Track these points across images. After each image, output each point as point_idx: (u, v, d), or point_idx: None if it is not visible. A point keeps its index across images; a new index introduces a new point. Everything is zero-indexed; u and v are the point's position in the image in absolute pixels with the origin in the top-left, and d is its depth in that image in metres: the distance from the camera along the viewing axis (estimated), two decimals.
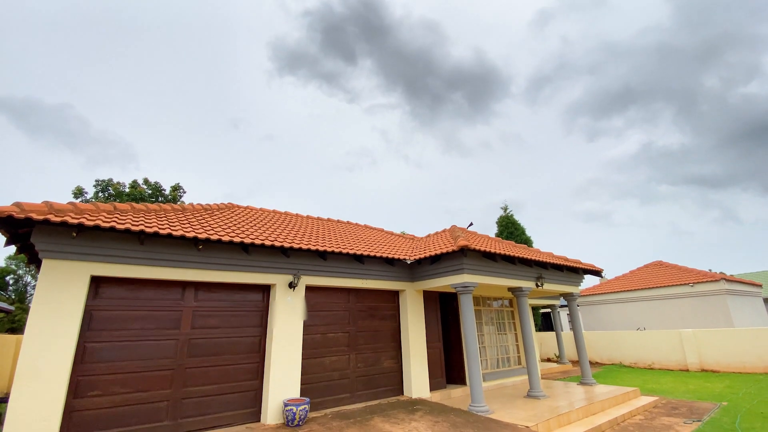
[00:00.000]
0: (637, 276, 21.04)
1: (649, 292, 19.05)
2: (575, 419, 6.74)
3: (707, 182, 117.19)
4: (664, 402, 8.70)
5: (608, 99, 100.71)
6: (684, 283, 17.87)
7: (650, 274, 20.65)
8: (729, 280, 17.18)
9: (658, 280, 19.28)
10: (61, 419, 4.52)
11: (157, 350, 5.48)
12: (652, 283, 19.24)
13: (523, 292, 8.39)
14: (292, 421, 5.77)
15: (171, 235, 5.21)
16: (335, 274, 7.44)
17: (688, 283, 17.68)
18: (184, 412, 5.48)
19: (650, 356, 14.73)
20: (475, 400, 6.81)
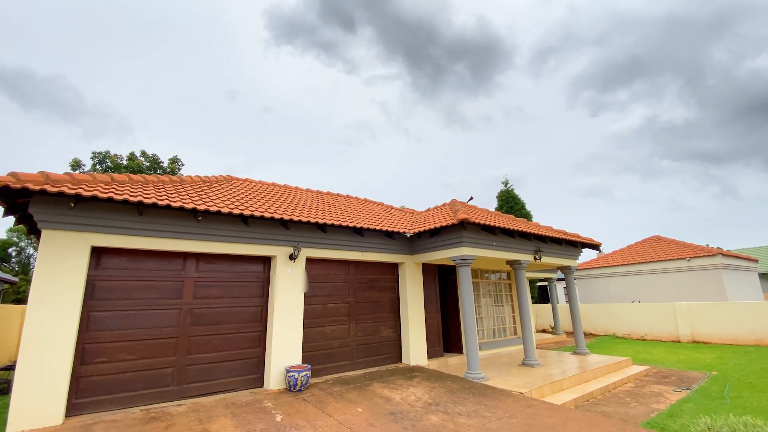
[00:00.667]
0: (635, 250, 21.22)
1: (645, 266, 19.27)
2: (568, 386, 6.97)
3: (710, 157, 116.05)
4: (654, 371, 8.98)
5: (614, 71, 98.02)
6: (681, 258, 18.04)
7: (648, 248, 20.81)
8: (726, 255, 17.34)
9: (656, 255, 19.46)
10: (69, 384, 4.67)
11: (160, 319, 5.59)
12: (649, 258, 19.42)
13: (521, 265, 8.47)
14: (294, 387, 5.96)
15: (170, 206, 5.19)
16: (335, 246, 7.47)
17: (685, 258, 17.85)
18: (190, 378, 5.66)
19: (643, 328, 15.09)
20: (471, 367, 7.01)
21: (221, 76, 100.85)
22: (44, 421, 4.32)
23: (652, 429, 5.10)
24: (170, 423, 4.59)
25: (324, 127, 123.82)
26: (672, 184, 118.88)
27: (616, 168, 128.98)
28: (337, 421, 4.70)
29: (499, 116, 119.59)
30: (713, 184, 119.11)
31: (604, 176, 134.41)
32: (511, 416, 4.96)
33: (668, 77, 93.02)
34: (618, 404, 6.44)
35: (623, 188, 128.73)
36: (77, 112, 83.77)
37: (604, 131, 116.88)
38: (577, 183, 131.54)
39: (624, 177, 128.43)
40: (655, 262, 19.02)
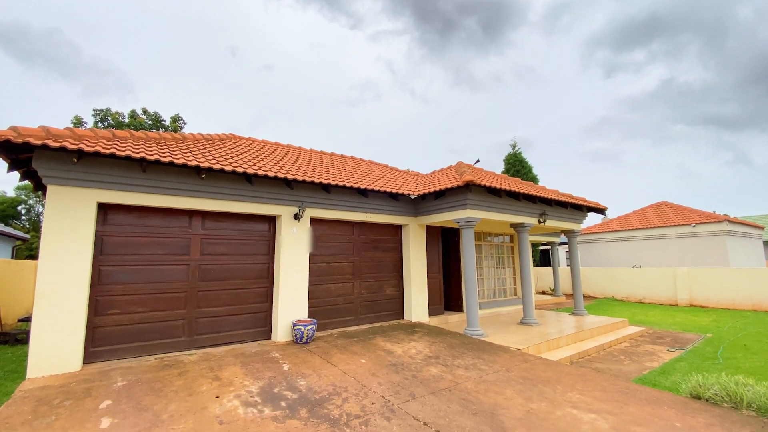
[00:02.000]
0: (641, 215, 21.12)
1: (650, 231, 19.26)
2: (564, 344, 7.20)
3: (725, 122, 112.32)
4: (650, 332, 9.23)
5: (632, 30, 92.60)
6: (686, 224, 17.97)
7: (654, 213, 20.69)
8: (732, 221, 17.22)
9: (661, 220, 19.38)
10: (85, 334, 4.89)
11: (169, 274, 5.74)
12: (654, 223, 19.37)
13: (524, 227, 8.48)
14: (301, 339, 6.22)
15: (173, 163, 5.15)
16: (339, 207, 7.49)
17: (690, 224, 17.78)
18: (200, 330, 5.90)
19: (642, 291, 15.35)
20: (471, 324, 7.23)
21: (220, 32, 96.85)
22: (63, 368, 4.58)
23: (643, 385, 5.31)
24: (183, 370, 4.84)
25: (327, 86, 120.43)
26: (683, 150, 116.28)
27: (627, 132, 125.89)
28: (341, 371, 4.93)
29: (509, 77, 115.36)
30: (726, 150, 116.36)
31: (615, 141, 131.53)
32: (508, 370, 5.17)
33: (688, 36, 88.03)
34: (612, 362, 6.68)
35: (633, 153, 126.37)
36: (75, 68, 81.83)
37: (617, 94, 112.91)
38: (586, 147, 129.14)
39: (634, 142, 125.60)
40: (659, 227, 18.98)
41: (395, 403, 3.98)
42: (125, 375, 4.61)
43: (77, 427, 3.34)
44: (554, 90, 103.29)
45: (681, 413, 3.89)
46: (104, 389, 4.16)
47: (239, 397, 4.05)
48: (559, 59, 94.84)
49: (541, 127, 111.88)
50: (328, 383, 4.51)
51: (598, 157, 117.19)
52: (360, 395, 4.17)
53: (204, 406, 3.80)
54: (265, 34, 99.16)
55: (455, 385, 4.53)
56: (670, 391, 4.80)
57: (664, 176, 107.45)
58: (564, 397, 4.27)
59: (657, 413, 3.88)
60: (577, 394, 4.38)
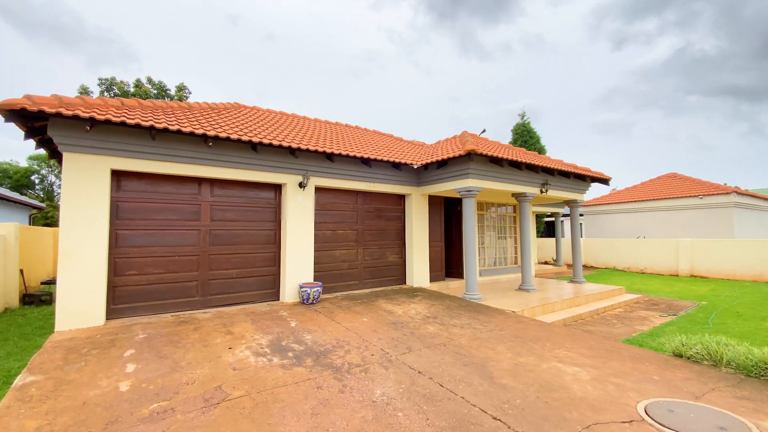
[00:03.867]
0: (649, 187, 20.96)
1: (656, 203, 19.17)
2: (559, 308, 7.50)
3: (741, 93, 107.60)
4: (646, 299, 9.48)
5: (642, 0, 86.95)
6: (693, 195, 17.85)
7: (662, 185, 20.51)
8: (741, 193, 17.05)
9: (669, 192, 19.24)
10: (106, 292, 5.26)
11: (181, 238, 6.04)
12: (661, 195, 19.25)
13: (526, 197, 8.60)
14: (307, 300, 6.58)
15: (180, 131, 5.32)
16: (343, 176, 7.65)
17: (698, 196, 17.65)
18: (212, 290, 6.27)
19: (644, 262, 15.53)
20: (470, 288, 7.53)
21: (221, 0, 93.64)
22: (88, 322, 4.98)
23: (630, 345, 5.59)
24: (198, 326, 5.23)
25: (330, 57, 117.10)
26: (696, 122, 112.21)
27: (638, 104, 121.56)
28: (345, 328, 5.28)
29: (517, 46, 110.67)
30: (741, 121, 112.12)
31: (626, 112, 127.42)
32: (501, 329, 5.48)
33: (701, 5, 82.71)
34: (604, 325, 6.98)
35: (644, 125, 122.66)
36: (78, 37, 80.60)
37: (627, 64, 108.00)
38: (595, 119, 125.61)
39: (646, 113, 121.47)
40: (666, 199, 18.88)
41: (393, 354, 4.31)
42: (145, 329, 5.00)
43: (105, 371, 3.71)
44: (563, 60, 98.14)
45: (661, 368, 4.17)
46: (127, 341, 4.55)
47: (250, 348, 4.41)
48: (566, 30, 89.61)
49: (550, 97, 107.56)
50: (332, 338, 4.86)
51: (608, 129, 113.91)
52: (361, 348, 4.51)
53: (218, 356, 4.16)
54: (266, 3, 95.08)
55: (450, 341, 4.85)
56: (655, 351, 5.08)
57: (676, 149, 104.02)
58: (551, 353, 4.57)
59: (638, 368, 4.15)
60: (564, 351, 4.68)
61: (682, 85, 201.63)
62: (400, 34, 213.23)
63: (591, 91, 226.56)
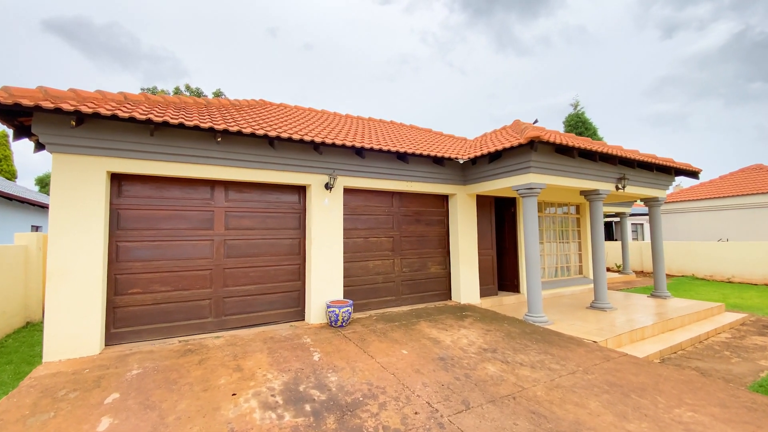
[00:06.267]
0: (729, 181, 18.11)
1: (740, 199, 16.42)
2: (650, 335, 5.95)
3: None
4: (753, 319, 7.59)
5: None
6: None
7: (746, 178, 17.62)
8: None
9: (755, 186, 16.40)
10: (105, 314, 4.54)
11: (192, 250, 5.25)
12: (744, 190, 16.46)
13: (599, 195, 7.07)
14: (336, 322, 5.56)
15: (183, 124, 4.49)
16: (376, 175, 6.59)
17: None
18: (228, 310, 5.42)
19: (730, 269, 13.17)
20: (533, 309, 6.18)
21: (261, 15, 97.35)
22: (80, 351, 4.25)
23: (766, 394, 4.05)
24: (205, 357, 4.35)
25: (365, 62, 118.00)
26: (762, 109, 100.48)
27: (694, 93, 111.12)
28: (380, 365, 4.18)
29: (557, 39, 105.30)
30: None
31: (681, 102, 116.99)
32: (586, 371, 4.14)
33: None
34: (715, 359, 5.37)
35: (702, 115, 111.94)
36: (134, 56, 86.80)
37: (679, 53, 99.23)
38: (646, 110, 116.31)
39: (704, 103, 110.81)
40: (752, 195, 16.09)
41: (444, 414, 3.15)
42: (143, 361, 4.19)
43: (72, 428, 2.87)
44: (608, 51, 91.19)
45: None
46: (116, 379, 3.74)
47: (258, 395, 3.43)
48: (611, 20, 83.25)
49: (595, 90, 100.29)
50: (363, 380, 3.78)
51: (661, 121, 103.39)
52: (401, 400, 3.39)
53: (217, 407, 3.21)
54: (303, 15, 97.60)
55: (520, 391, 3.61)
56: None
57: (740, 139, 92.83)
58: (671, 416, 3.20)
59: None
60: (687, 411, 3.29)
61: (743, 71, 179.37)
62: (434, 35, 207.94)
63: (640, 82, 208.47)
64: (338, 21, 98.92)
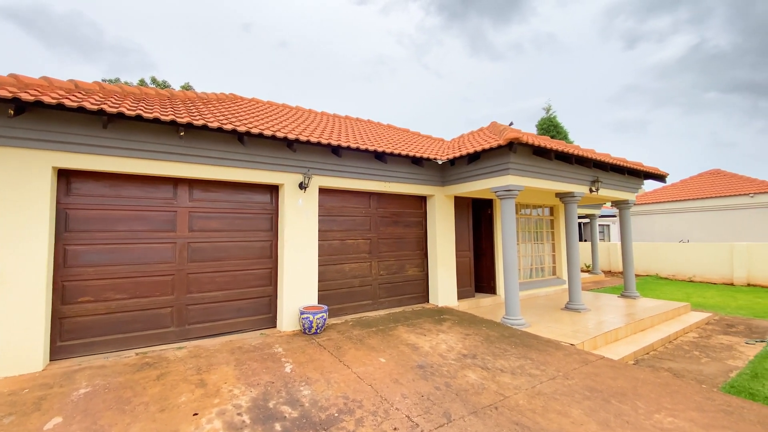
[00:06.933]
0: (690, 185, 19.07)
1: (700, 202, 17.32)
2: (623, 336, 6.03)
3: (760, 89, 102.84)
4: (717, 318, 7.90)
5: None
6: (742, 194, 15.97)
7: (705, 183, 18.61)
8: None
9: (714, 190, 17.34)
10: (50, 326, 4.09)
11: (152, 254, 4.83)
12: (705, 193, 17.38)
13: (574, 197, 7.14)
14: (309, 329, 5.29)
15: (141, 117, 4.10)
16: (353, 174, 6.35)
17: (748, 194, 15.77)
18: (192, 318, 5.04)
19: (692, 269, 13.81)
20: (511, 312, 6.13)
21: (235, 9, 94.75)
22: (21, 367, 3.78)
23: (737, 395, 4.13)
24: (164, 371, 3.98)
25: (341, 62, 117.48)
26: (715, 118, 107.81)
27: (654, 101, 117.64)
28: (356, 375, 3.96)
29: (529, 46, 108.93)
30: (760, 117, 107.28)
31: (642, 110, 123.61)
32: (566, 376, 4.08)
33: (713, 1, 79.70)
34: (686, 360, 5.48)
35: (661, 123, 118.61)
36: (97, 47, 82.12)
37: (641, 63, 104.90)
38: (610, 117, 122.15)
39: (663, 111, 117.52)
40: (711, 198, 17.00)
41: (425, 428, 2.97)
42: (93, 378, 3.78)
43: None
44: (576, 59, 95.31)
45: None
46: (60, 399, 3.32)
47: (223, 414, 3.13)
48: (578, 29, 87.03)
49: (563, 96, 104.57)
50: (338, 393, 3.54)
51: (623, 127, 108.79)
52: (379, 414, 3.18)
53: (175, 430, 2.89)
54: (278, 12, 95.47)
55: (502, 400, 3.49)
56: None
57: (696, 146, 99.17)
58: (651, 422, 3.16)
59: None
60: (667, 416, 3.26)
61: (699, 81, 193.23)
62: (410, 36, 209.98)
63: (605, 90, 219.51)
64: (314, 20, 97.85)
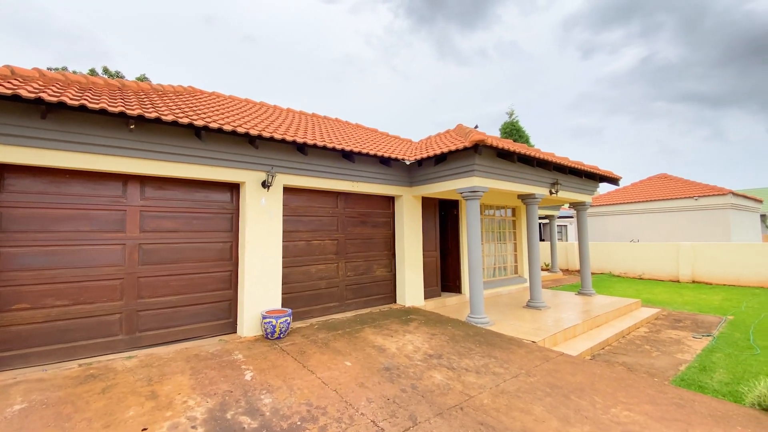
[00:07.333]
0: (640, 188, 20.35)
1: (650, 204, 18.52)
2: (581, 332, 6.29)
3: (705, 100, 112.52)
4: (665, 314, 8.43)
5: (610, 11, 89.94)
6: (688, 197, 17.24)
7: (654, 186, 19.92)
8: (736, 194, 16.55)
9: (662, 193, 18.61)
10: None
11: (98, 256, 4.47)
12: (653, 196, 18.61)
13: (535, 199, 7.38)
14: (272, 334, 5.10)
15: (85, 107, 3.78)
16: (320, 174, 6.21)
17: (693, 197, 17.05)
18: (143, 325, 4.71)
19: (641, 267, 14.70)
20: (475, 310, 6.22)
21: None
22: None
23: (687, 388, 4.40)
24: (111, 383, 3.68)
25: (310, 60, 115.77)
26: (662, 127, 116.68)
27: (608, 109, 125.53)
28: (321, 381, 3.85)
29: (493, 52, 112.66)
30: (703, 126, 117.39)
31: (597, 117, 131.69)
32: (528, 373, 4.17)
33: (664, 15, 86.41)
34: (638, 354, 5.79)
35: (614, 129, 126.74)
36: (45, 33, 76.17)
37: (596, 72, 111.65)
38: (569, 123, 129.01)
39: (616, 118, 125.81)
40: (660, 200, 18.23)
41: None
42: (29, 393, 3.42)
43: None
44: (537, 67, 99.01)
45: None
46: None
47: (176, 428, 2.93)
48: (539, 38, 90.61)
49: (525, 102, 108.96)
50: (301, 400, 3.42)
51: (580, 133, 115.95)
52: (343, 420, 3.10)
53: None
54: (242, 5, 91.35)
55: (467, 400, 3.50)
56: (730, 400, 3.89)
57: (644, 152, 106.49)
58: (608, 416, 3.28)
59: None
60: (623, 410, 3.40)
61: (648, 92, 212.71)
62: (379, 38, 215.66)
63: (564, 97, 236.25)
64: (281, 15, 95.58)
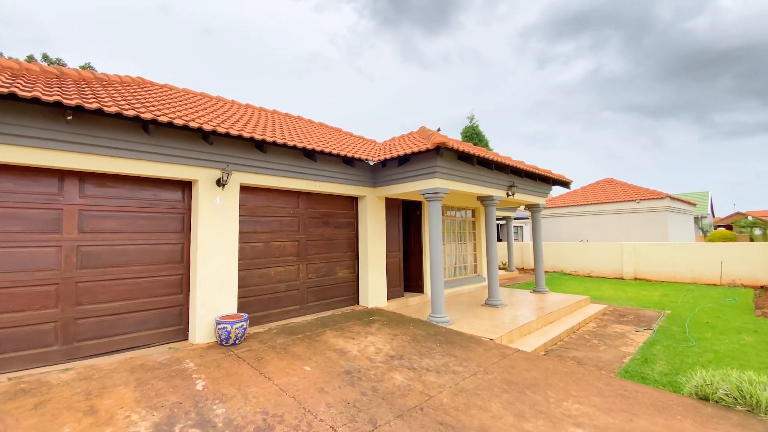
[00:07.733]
0: (588, 192, 21.65)
1: (597, 207, 19.75)
2: (535, 329, 6.55)
3: (646, 111, 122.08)
4: (611, 310, 8.99)
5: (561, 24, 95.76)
6: (631, 200, 18.56)
7: (601, 190, 21.28)
8: (673, 198, 18.02)
9: (608, 196, 19.92)
10: None
11: (29, 260, 4.05)
12: (600, 199, 19.87)
13: (493, 201, 7.62)
14: (227, 341, 4.87)
15: (15, 95, 3.40)
16: (280, 172, 6.03)
17: (635, 200, 18.38)
18: (82, 334, 4.32)
19: (590, 265, 15.64)
20: (436, 310, 6.31)
21: None
22: None
23: (631, 379, 4.70)
24: (44, 398, 3.34)
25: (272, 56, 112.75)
26: (608, 135, 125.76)
27: (560, 117, 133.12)
28: (278, 387, 3.71)
29: (455, 57, 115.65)
30: (644, 135, 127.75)
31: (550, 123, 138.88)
32: (486, 371, 4.27)
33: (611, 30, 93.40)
34: (587, 348, 6.12)
35: (566, 136, 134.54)
36: None
37: (550, 81, 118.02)
38: (525, 129, 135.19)
39: (568, 125, 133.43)
40: (606, 203, 19.50)
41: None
42: None
43: None
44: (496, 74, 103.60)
45: (699, 425, 3.19)
46: None
47: None
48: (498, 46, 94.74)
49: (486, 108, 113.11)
50: (257, 409, 3.28)
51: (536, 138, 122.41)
52: (301, 428, 3.00)
53: None
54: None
55: (427, 400, 3.52)
56: (670, 390, 4.20)
57: (593, 158, 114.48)
58: (561, 410, 3.42)
59: (673, 426, 3.14)
60: (574, 404, 3.56)
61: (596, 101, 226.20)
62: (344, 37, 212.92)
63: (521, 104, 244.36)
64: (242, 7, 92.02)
